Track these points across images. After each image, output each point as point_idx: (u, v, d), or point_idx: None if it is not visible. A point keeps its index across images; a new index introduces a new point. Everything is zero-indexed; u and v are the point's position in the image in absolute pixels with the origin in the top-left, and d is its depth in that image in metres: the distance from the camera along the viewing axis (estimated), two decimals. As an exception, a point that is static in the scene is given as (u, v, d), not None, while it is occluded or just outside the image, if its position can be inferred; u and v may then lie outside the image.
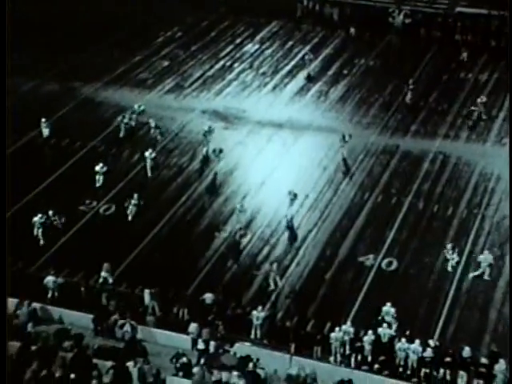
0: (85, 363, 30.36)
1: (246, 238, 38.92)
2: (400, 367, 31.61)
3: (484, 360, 31.19)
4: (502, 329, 33.69)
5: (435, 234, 39.30)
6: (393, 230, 39.49)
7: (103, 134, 46.98)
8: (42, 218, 38.07)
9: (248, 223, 39.91)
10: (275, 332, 33.28)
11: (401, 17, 60.37)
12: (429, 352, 31.30)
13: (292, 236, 38.90)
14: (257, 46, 58.88)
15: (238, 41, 59.72)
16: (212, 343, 32.31)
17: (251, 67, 55.80)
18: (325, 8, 62.54)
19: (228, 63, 56.34)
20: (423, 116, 49.33)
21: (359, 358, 32.08)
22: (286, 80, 53.88)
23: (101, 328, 33.52)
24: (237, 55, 57.52)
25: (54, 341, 32.16)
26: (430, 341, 31.92)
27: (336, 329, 32.29)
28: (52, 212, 38.42)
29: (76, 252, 37.70)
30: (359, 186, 42.85)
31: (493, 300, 35.17)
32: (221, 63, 56.31)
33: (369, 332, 32.07)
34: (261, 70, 55.33)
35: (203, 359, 31.61)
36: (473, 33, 58.42)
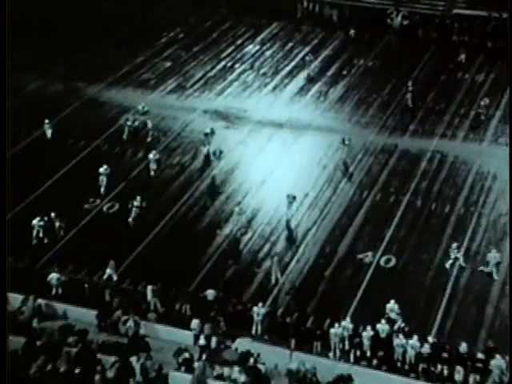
0: (89, 358, 30.43)
1: (247, 236, 38.97)
2: (398, 362, 31.65)
3: (480, 355, 31.20)
4: (499, 324, 33.70)
5: (433, 232, 39.28)
6: (391, 228, 39.47)
7: (107, 134, 46.97)
8: (41, 221, 37.77)
9: (249, 221, 39.91)
10: (276, 328, 33.30)
11: (399, 18, 60.31)
12: (426, 348, 31.33)
13: (291, 238, 38.76)
14: (257, 47, 58.84)
15: (239, 42, 59.67)
16: (214, 339, 32.34)
17: (252, 68, 55.76)
18: (324, 9, 62.47)
19: (229, 64, 56.31)
20: (421, 116, 49.26)
21: (358, 354, 32.10)
22: (286, 80, 53.84)
23: (104, 324, 33.56)
24: (238, 56, 57.48)
25: (59, 336, 32.23)
26: (429, 337, 31.95)
27: (335, 325, 32.33)
28: (54, 214, 38.25)
29: (80, 249, 37.75)
30: (358, 185, 42.82)
31: (489, 296, 35.17)
32: (222, 64, 56.27)
33: (367, 328, 32.11)
34: (261, 71, 55.29)
35: (205, 354, 31.63)
36: (469, 34, 58.37)
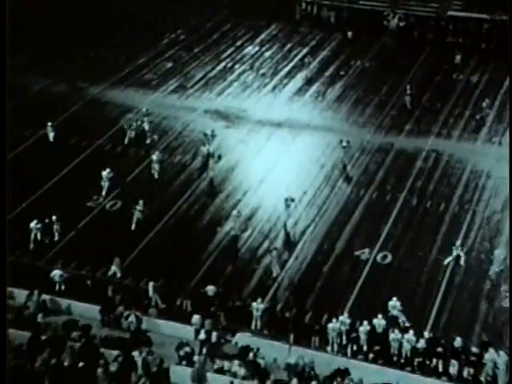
0: (92, 352, 30.45)
1: (247, 233, 39.06)
2: (394, 356, 31.75)
3: (474, 349, 31.33)
4: (492, 319, 33.83)
5: (428, 229, 39.38)
6: (387, 225, 39.56)
7: (110, 133, 47.04)
8: (39, 224, 37.61)
9: (248, 218, 40.01)
10: (275, 323, 33.37)
11: (395, 20, 60.29)
12: (422, 343, 31.41)
13: (288, 240, 38.63)
14: (257, 48, 58.86)
15: (239, 43, 59.69)
16: (214, 333, 32.43)
17: (251, 68, 55.79)
18: (322, 11, 62.46)
19: (229, 64, 56.34)
20: (417, 115, 49.33)
21: (355, 348, 32.19)
22: (285, 81, 53.89)
23: (107, 319, 33.61)
24: (238, 57, 57.51)
25: (63, 331, 32.30)
26: (425, 332, 32.05)
27: (333, 320, 32.42)
28: (55, 218, 38.10)
29: (83, 246, 37.83)
30: (355, 183, 42.93)
31: (483, 292, 35.29)
32: (222, 64, 56.30)
33: (364, 323, 32.20)
34: (261, 71, 55.31)
35: (205, 349, 31.71)
36: (464, 35, 58.47)
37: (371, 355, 31.83)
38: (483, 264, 36.80)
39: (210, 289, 34.21)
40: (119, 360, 30.03)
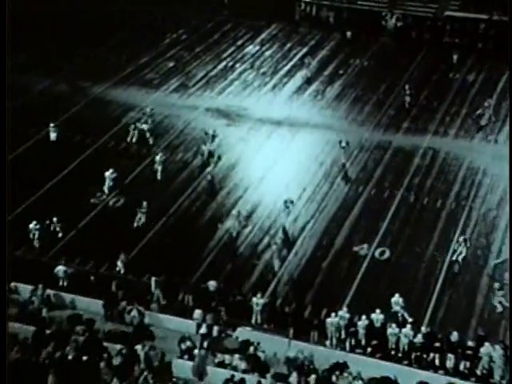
0: (96, 346, 30.54)
1: (247, 229, 39.12)
2: (392, 350, 31.82)
3: (471, 343, 31.39)
4: (488, 314, 33.90)
5: (425, 225, 39.45)
6: (386, 221, 39.62)
7: (113, 131, 47.06)
8: (38, 225, 37.35)
9: (249, 215, 40.06)
10: (275, 317, 33.42)
11: (393, 20, 60.25)
12: (419, 338, 31.47)
13: (287, 242, 38.44)
14: (257, 48, 58.86)
15: (240, 42, 59.68)
16: (215, 328, 32.49)
17: (252, 67, 55.80)
18: (321, 12, 62.43)
19: (230, 64, 56.34)
20: (414, 114, 49.37)
21: (353, 342, 32.26)
22: (285, 80, 53.91)
23: (111, 313, 33.68)
24: (238, 56, 57.51)
25: (67, 325, 32.37)
26: (423, 327, 32.11)
27: (332, 314, 32.48)
28: (56, 219, 37.95)
29: (87, 242, 37.87)
30: (354, 180, 42.98)
31: (479, 287, 35.34)
32: (223, 64, 56.31)
33: (363, 317, 32.26)
34: (261, 70, 55.32)
35: (207, 343, 31.77)
36: (461, 35, 58.49)
37: (369, 349, 31.92)
38: (479, 260, 36.88)
39: (211, 284, 34.26)
40: (122, 354, 30.11)
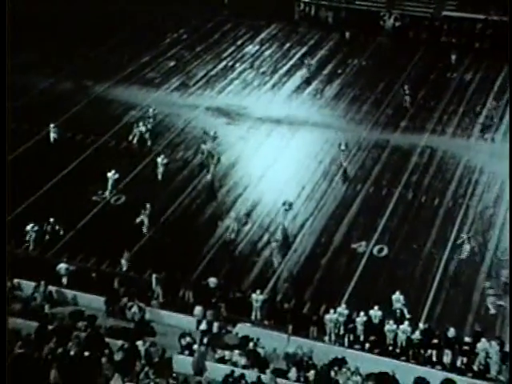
0: (98, 342, 30.56)
1: (247, 227, 39.15)
2: (390, 346, 31.85)
3: (467, 339, 31.44)
4: (484, 310, 33.93)
5: (423, 223, 39.49)
6: (384, 219, 39.65)
7: (114, 130, 47.08)
8: (35, 227, 37.03)
9: (249, 213, 40.11)
10: (274, 313, 33.44)
11: (391, 20, 60.26)
12: (417, 334, 31.50)
13: (285, 244, 38.27)
14: (257, 47, 58.86)
15: (240, 42, 59.69)
16: (215, 324, 32.52)
17: (252, 67, 55.80)
18: (320, 12, 62.43)
19: (230, 63, 56.35)
20: (412, 113, 49.39)
21: (352, 338, 32.29)
22: (285, 79, 53.92)
23: (112, 310, 33.70)
24: (238, 56, 57.52)
25: (70, 321, 32.37)
26: (420, 324, 32.15)
27: (331, 311, 32.52)
28: (53, 220, 37.63)
29: (89, 239, 37.86)
30: (352, 178, 43.01)
31: (476, 283, 35.38)
32: (223, 63, 56.30)
33: (361, 313, 32.30)
34: (261, 70, 55.32)
35: (207, 339, 31.79)
36: (458, 35, 58.50)
37: (367, 345, 31.96)
38: (476, 257, 36.92)
39: (212, 281, 34.28)
40: (124, 349, 30.15)
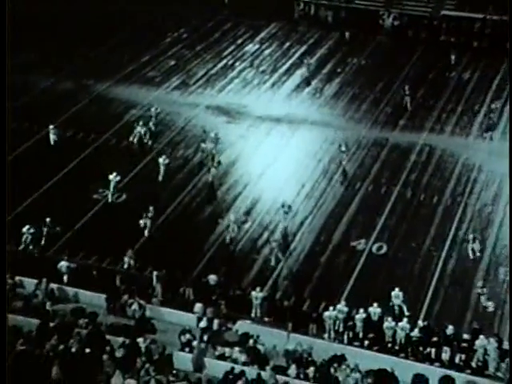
0: (99, 339, 30.54)
1: (247, 225, 39.14)
2: (389, 343, 31.85)
3: (466, 336, 31.45)
4: (483, 307, 33.93)
5: (422, 221, 39.52)
6: (383, 217, 39.66)
7: (115, 128, 47.08)
8: (31, 229, 36.68)
9: (248, 210, 40.10)
10: (274, 311, 33.45)
11: (390, 19, 60.32)
12: (416, 332, 31.50)
13: (285, 246, 37.95)
14: (257, 46, 58.86)
15: (240, 41, 59.68)
16: (215, 321, 32.51)
17: (251, 66, 55.79)
18: (320, 11, 62.48)
19: (230, 62, 56.34)
20: (411, 111, 49.38)
21: (351, 335, 32.29)
22: (284, 78, 53.92)
23: (113, 307, 33.70)
24: (238, 55, 57.52)
25: (71, 318, 32.35)
26: (419, 321, 32.16)
27: (330, 308, 32.52)
28: (49, 220, 37.28)
29: (90, 237, 37.83)
30: (351, 176, 43.01)
31: (474, 281, 35.38)
32: (223, 62, 56.29)
33: (360, 311, 32.31)
34: (260, 69, 55.33)
35: (207, 336, 31.78)
36: (456, 34, 58.51)
37: (367, 342, 31.95)
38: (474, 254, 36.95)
39: (212, 278, 34.28)
40: (124, 346, 30.14)
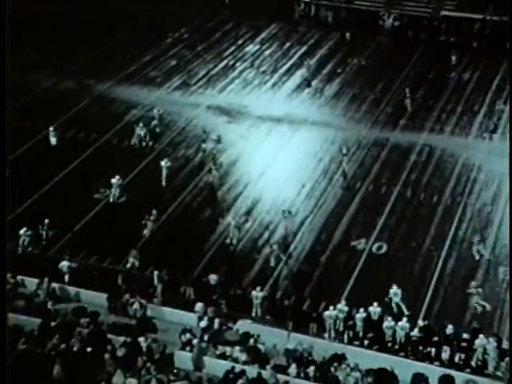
0: (100, 338, 30.55)
1: (248, 224, 39.11)
2: (389, 343, 31.81)
3: (466, 335, 31.42)
4: (478, 307, 33.82)
5: (422, 220, 39.49)
6: (383, 217, 39.63)
7: (116, 128, 47.04)
8: (28, 231, 36.54)
9: (249, 210, 40.08)
10: (275, 310, 33.44)
11: (390, 20, 60.30)
12: (415, 331, 31.47)
13: (286, 249, 37.67)
14: (257, 47, 58.82)
15: (240, 42, 59.63)
16: (216, 320, 32.49)
17: (252, 66, 55.76)
18: (320, 11, 62.45)
19: (231, 62, 56.30)
20: (411, 111, 49.35)
21: (351, 335, 32.25)
22: (285, 78, 53.87)
23: (114, 306, 33.70)
24: (239, 55, 57.47)
25: (72, 317, 32.34)
26: (419, 321, 32.13)
27: (330, 307, 32.49)
28: (47, 221, 37.27)
29: (91, 237, 37.79)
30: (352, 176, 42.97)
31: (474, 281, 35.30)
32: (224, 62, 56.25)
33: (360, 310, 32.28)
34: (261, 69, 55.28)
35: (208, 335, 31.76)
36: (456, 34, 58.48)
37: (366, 341, 31.93)
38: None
39: (212, 278, 34.28)
40: (126, 345, 30.13)
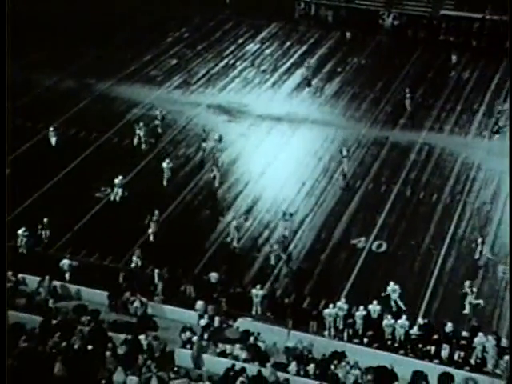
0: (101, 336, 30.59)
1: (248, 223, 39.11)
2: (388, 341, 31.83)
3: (465, 333, 31.43)
4: (482, 305, 33.90)
5: (421, 219, 39.49)
6: (382, 215, 39.64)
7: (117, 127, 47.04)
8: (26, 232, 36.31)
9: (249, 209, 40.09)
10: (275, 308, 33.44)
11: (390, 19, 60.31)
12: (415, 329, 31.48)
13: (286, 250, 37.43)
14: (258, 46, 58.79)
15: (241, 41, 59.61)
16: (216, 318, 32.50)
17: (252, 65, 55.73)
18: (320, 11, 62.44)
19: (231, 61, 56.29)
20: (410, 110, 49.30)
21: (351, 332, 32.26)
22: (285, 77, 53.85)
23: (115, 304, 33.72)
24: (239, 54, 57.46)
25: (73, 315, 32.40)
26: (419, 319, 32.12)
27: (330, 305, 32.50)
28: (46, 221, 37.12)
29: (92, 235, 37.80)
30: (352, 175, 42.97)
31: (473, 279, 35.29)
32: (224, 61, 56.23)
33: (360, 308, 32.29)
34: (261, 68, 55.27)
35: (208, 333, 31.77)
36: (456, 33, 58.46)
37: (366, 339, 31.93)
38: (473, 252, 36.86)
39: (213, 276, 34.29)
40: (126, 343, 30.15)
